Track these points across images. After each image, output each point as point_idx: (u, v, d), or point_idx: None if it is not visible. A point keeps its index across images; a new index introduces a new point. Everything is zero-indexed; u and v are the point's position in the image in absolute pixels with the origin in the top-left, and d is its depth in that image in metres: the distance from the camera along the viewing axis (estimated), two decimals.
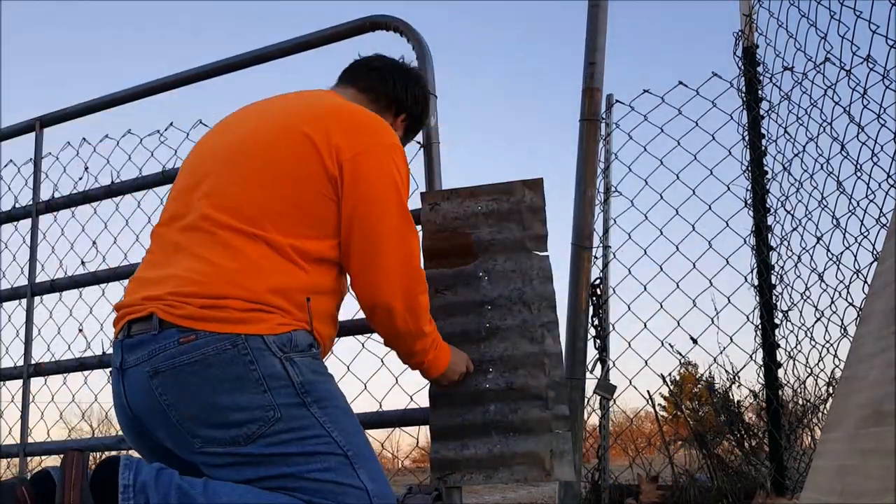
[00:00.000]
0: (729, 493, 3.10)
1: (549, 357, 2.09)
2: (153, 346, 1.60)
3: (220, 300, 1.60)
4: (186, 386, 1.58)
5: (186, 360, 1.58)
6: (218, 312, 1.59)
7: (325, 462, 1.60)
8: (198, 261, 1.67)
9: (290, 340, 1.64)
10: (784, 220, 3.35)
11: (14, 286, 3.28)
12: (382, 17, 2.53)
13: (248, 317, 1.60)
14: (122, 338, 1.67)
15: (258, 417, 1.58)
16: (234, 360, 1.58)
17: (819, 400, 3.26)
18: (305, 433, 1.60)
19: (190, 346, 1.58)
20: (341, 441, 1.63)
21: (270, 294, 1.64)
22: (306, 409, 1.62)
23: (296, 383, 1.62)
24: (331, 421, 1.64)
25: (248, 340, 1.59)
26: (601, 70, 2.78)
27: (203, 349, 1.57)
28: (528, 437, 2.05)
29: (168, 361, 1.58)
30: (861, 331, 1.64)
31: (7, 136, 3.38)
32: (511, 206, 2.20)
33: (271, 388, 1.59)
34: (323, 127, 1.76)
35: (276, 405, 1.59)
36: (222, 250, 1.66)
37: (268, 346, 1.60)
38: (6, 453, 3.11)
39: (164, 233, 1.80)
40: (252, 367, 1.58)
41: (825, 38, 2.96)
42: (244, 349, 1.58)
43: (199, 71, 2.89)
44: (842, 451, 1.49)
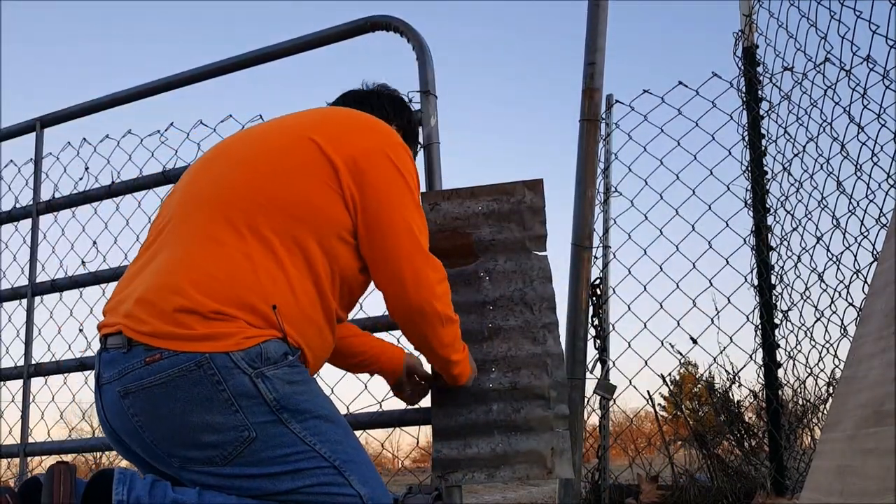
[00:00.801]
0: (729, 492, 3.10)
1: (551, 358, 2.10)
2: (123, 364, 1.55)
3: (181, 314, 1.53)
4: (156, 407, 1.52)
5: (154, 382, 1.51)
6: (179, 329, 1.52)
7: (314, 477, 1.56)
8: (166, 264, 1.61)
9: (259, 354, 1.55)
10: (784, 220, 3.36)
11: (14, 286, 3.28)
12: (382, 17, 2.53)
13: (211, 332, 1.52)
14: (100, 350, 1.64)
15: (232, 438, 1.52)
16: (200, 380, 1.50)
17: (819, 400, 3.27)
18: (286, 451, 1.55)
19: (156, 366, 1.51)
20: (326, 452, 1.58)
21: (235, 303, 1.56)
22: (283, 425, 1.55)
23: (269, 400, 1.54)
24: (312, 433, 1.58)
25: (213, 359, 1.51)
26: (601, 70, 2.78)
27: (168, 371, 1.51)
28: (530, 436, 2.06)
29: (136, 382, 1.53)
30: (861, 331, 1.64)
31: (7, 136, 3.39)
32: (511, 206, 2.20)
33: (242, 407, 1.52)
34: (327, 130, 1.74)
35: (249, 425, 1.52)
36: (195, 250, 1.61)
37: (235, 364, 1.52)
38: (7, 453, 3.11)
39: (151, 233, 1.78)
40: (220, 388, 1.51)
41: (825, 38, 2.96)
42: (209, 369, 1.50)
43: (199, 71, 2.89)
44: (842, 451, 1.49)
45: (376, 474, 1.65)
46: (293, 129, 1.76)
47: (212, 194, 1.69)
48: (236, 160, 1.75)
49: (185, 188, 1.77)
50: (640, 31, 23.91)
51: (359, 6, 2.76)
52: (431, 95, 2.41)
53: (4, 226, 3.46)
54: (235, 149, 1.79)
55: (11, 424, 3.39)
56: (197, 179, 1.77)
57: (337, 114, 1.85)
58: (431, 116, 2.40)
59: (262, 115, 2.95)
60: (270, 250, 1.62)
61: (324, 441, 1.59)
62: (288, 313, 1.62)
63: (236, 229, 1.62)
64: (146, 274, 1.64)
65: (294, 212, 1.65)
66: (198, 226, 1.64)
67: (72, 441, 3.18)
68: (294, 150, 1.71)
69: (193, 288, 1.55)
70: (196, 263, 1.59)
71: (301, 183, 1.67)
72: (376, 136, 1.77)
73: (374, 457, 10.48)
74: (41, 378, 3.18)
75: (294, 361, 1.62)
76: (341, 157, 1.69)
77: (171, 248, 1.64)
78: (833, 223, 2.95)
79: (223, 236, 1.61)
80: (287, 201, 1.65)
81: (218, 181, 1.71)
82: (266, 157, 1.71)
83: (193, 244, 1.62)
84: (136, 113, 3.42)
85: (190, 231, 1.65)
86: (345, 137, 1.73)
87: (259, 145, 1.76)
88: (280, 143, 1.74)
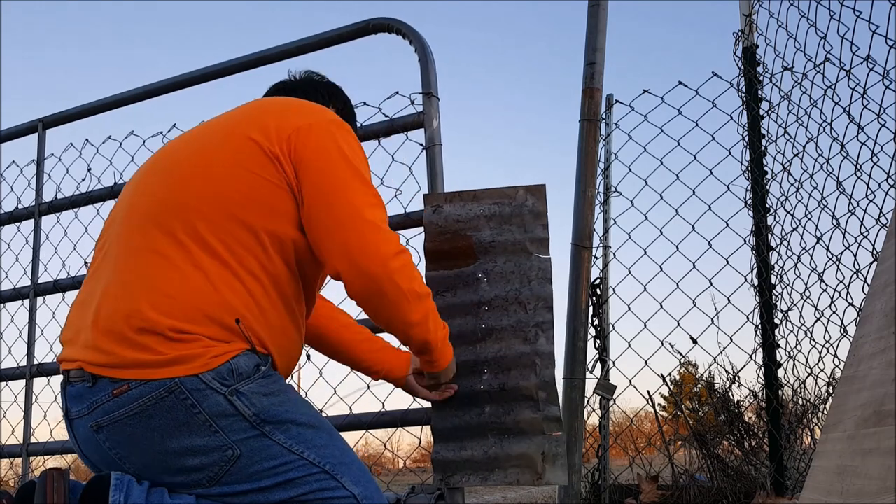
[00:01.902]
0: (729, 492, 3.11)
1: (540, 357, 2.09)
2: (91, 399, 1.51)
3: (141, 336, 1.48)
4: (133, 438, 1.49)
5: (126, 413, 1.48)
6: (143, 355, 1.47)
7: (306, 485, 1.55)
8: (116, 287, 1.56)
9: (230, 371, 1.51)
10: (784, 220, 3.36)
11: (17, 286, 3.29)
12: (384, 19, 2.53)
13: (177, 356, 1.47)
14: (63, 384, 1.59)
15: (216, 459, 1.50)
16: (174, 406, 1.47)
17: (819, 400, 3.27)
18: (274, 462, 1.53)
19: (125, 397, 1.47)
20: (315, 458, 1.57)
21: (195, 319, 1.51)
22: (267, 438, 1.53)
23: (247, 416, 1.51)
24: (298, 441, 1.56)
25: (183, 384, 1.47)
26: (601, 70, 2.79)
27: (139, 401, 1.47)
28: (521, 438, 2.04)
29: (107, 416, 1.49)
30: (861, 331, 1.65)
31: (10, 136, 3.39)
32: (513, 209, 2.20)
33: (222, 427, 1.49)
34: (257, 119, 1.67)
35: (231, 443, 1.50)
36: (141, 270, 1.55)
37: (207, 385, 1.48)
38: (9, 453, 3.12)
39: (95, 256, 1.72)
40: (196, 411, 1.48)
41: (825, 38, 2.97)
42: (181, 394, 1.47)
43: (202, 73, 2.90)
44: (842, 450, 1.50)
45: (367, 473, 1.64)
46: (224, 127, 1.69)
47: (147, 207, 1.63)
48: (167, 168, 1.68)
49: (122, 205, 1.71)
50: (640, 31, 23.93)
51: (360, 7, 2.77)
52: (433, 97, 2.42)
53: (7, 226, 3.47)
54: (166, 157, 1.72)
55: (14, 424, 3.40)
56: (132, 194, 1.70)
57: (268, 104, 1.76)
58: (433, 118, 2.40)
59: None
60: (218, 258, 1.56)
61: (310, 447, 1.57)
62: (252, 321, 1.57)
63: (178, 240, 1.56)
64: (99, 298, 1.58)
65: (236, 213, 1.58)
66: (139, 242, 1.59)
67: None
68: (227, 148, 1.63)
69: (150, 308, 1.50)
70: (147, 283, 1.53)
71: (240, 181, 1.59)
72: (310, 116, 1.69)
73: (375, 456, 10.48)
74: (44, 378, 3.19)
75: (267, 371, 1.58)
76: (278, 144, 1.62)
77: (117, 269, 1.59)
78: (833, 223, 2.96)
79: (166, 249, 1.55)
80: (226, 203, 1.58)
81: (151, 192, 1.65)
82: (199, 160, 1.64)
83: (139, 263, 1.56)
84: (139, 114, 3.44)
85: (132, 249, 1.59)
86: (278, 123, 1.65)
87: (189, 149, 1.69)
88: (211, 143, 1.67)
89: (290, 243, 1.64)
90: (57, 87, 23.08)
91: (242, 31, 28.49)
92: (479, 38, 28.07)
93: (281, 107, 1.72)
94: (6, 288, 3.34)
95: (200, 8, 33.57)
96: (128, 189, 1.75)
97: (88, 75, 24.23)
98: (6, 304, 3.41)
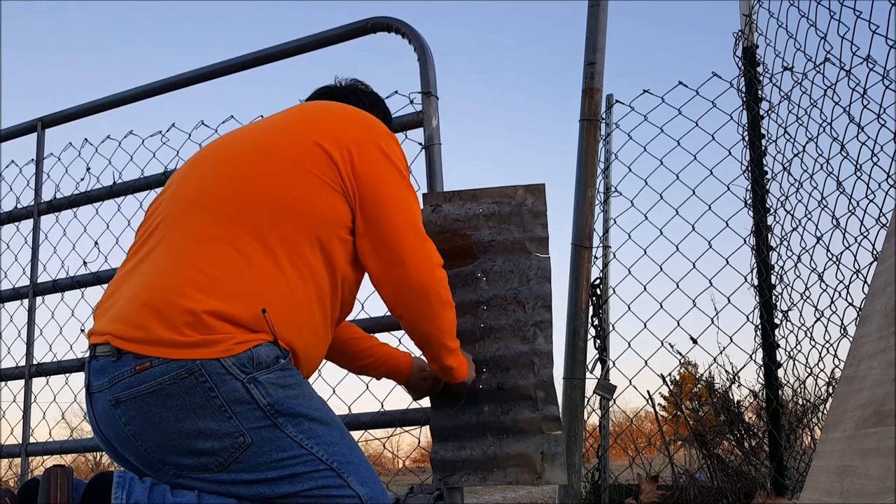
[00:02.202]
0: (729, 492, 3.11)
1: (538, 356, 2.09)
2: (113, 373, 1.53)
3: (177, 314, 1.51)
4: (149, 416, 1.50)
5: (145, 390, 1.50)
6: (171, 334, 1.50)
7: (312, 480, 1.55)
8: (158, 265, 1.60)
9: (251, 359, 1.53)
10: (784, 220, 3.36)
11: (16, 286, 3.29)
12: (384, 18, 2.53)
13: (202, 339, 1.50)
14: (89, 358, 1.61)
15: (227, 445, 1.51)
16: (192, 388, 1.49)
17: (819, 400, 3.27)
18: (283, 455, 1.54)
19: (146, 374, 1.49)
20: (323, 455, 1.57)
21: (225, 307, 1.54)
22: (279, 429, 1.54)
23: (262, 405, 1.53)
24: (308, 436, 1.57)
25: (204, 366, 1.49)
26: (601, 70, 2.79)
27: (159, 379, 1.49)
28: (519, 438, 2.04)
29: (127, 391, 1.51)
30: (861, 331, 1.65)
31: (9, 136, 3.39)
32: (512, 208, 2.20)
33: (236, 413, 1.51)
34: (317, 123, 1.74)
35: (244, 431, 1.51)
36: (189, 250, 1.59)
37: (227, 370, 1.50)
38: (8, 453, 3.12)
39: (139, 236, 1.76)
40: (213, 395, 1.49)
41: (825, 38, 2.97)
42: (201, 376, 1.49)
43: (201, 72, 2.90)
44: (842, 450, 1.49)
45: (374, 474, 1.64)
46: (285, 127, 1.75)
47: (205, 195, 1.67)
48: (227, 160, 1.72)
49: (176, 190, 1.75)
50: (640, 31, 23.92)
51: (360, 7, 2.77)
52: (433, 96, 2.42)
53: (6, 226, 3.47)
54: (226, 149, 1.77)
55: (13, 424, 3.40)
56: (187, 181, 1.74)
57: (326, 110, 1.83)
58: (433, 118, 2.40)
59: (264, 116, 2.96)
60: (269, 251, 1.60)
61: (320, 444, 1.58)
62: (281, 315, 1.60)
63: (232, 230, 1.60)
64: (137, 275, 1.62)
65: (291, 212, 1.63)
66: (191, 227, 1.63)
67: (73, 441, 3.18)
68: (290, 146, 1.70)
69: (189, 286, 1.53)
70: (190, 262, 1.57)
71: (299, 182, 1.65)
72: (367, 128, 1.78)
73: (375, 456, 10.48)
74: (43, 378, 3.19)
75: (286, 364, 1.60)
76: (338, 150, 1.69)
77: (162, 249, 1.62)
78: (833, 223, 2.96)
79: (219, 235, 1.60)
80: (285, 201, 1.63)
81: (210, 182, 1.69)
82: (260, 155, 1.70)
83: (188, 244, 1.60)
84: (138, 114, 3.44)
85: (183, 232, 1.63)
86: (339, 131, 1.73)
87: (252, 144, 1.74)
88: (274, 140, 1.72)
89: (338, 248, 1.70)
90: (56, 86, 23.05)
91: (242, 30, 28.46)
92: (479, 38, 28.05)
93: (339, 115, 1.79)
94: (5, 287, 3.34)
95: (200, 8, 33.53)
96: (181, 176, 1.79)
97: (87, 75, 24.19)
98: (5, 303, 3.41)
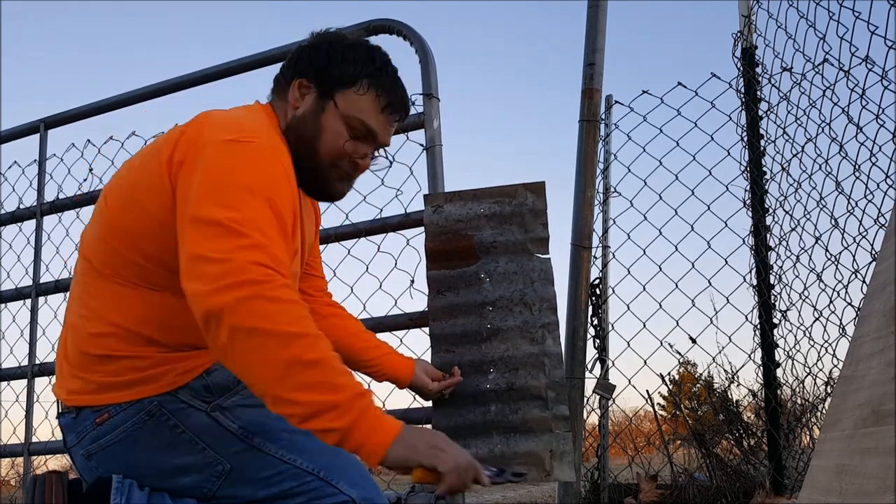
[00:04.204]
0: (728, 492, 3.12)
1: (549, 357, 2.11)
2: (77, 429, 1.50)
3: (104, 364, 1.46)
4: (124, 462, 1.48)
5: (111, 440, 1.47)
6: (111, 378, 1.45)
7: (302, 495, 1.53)
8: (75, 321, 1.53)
9: (206, 387, 1.49)
10: (783, 220, 3.37)
11: (19, 286, 3.30)
12: (385, 20, 2.54)
13: (145, 375, 1.46)
14: (57, 415, 1.58)
15: (208, 475, 1.49)
16: (157, 428, 1.46)
17: (817, 399, 3.29)
18: (267, 473, 1.51)
19: (107, 425, 1.46)
20: (308, 465, 1.54)
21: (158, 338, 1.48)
22: (257, 450, 1.50)
23: (234, 430, 1.49)
24: (289, 450, 1.53)
25: (163, 405, 1.45)
26: (600, 71, 2.80)
27: (122, 427, 1.46)
28: (528, 437, 2.06)
29: (95, 444, 1.49)
30: (860, 331, 1.66)
31: (11, 137, 3.40)
32: (513, 208, 2.21)
33: (209, 444, 1.48)
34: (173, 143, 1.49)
35: (221, 459, 1.48)
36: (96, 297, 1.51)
37: (187, 403, 1.46)
38: (11, 452, 3.13)
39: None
40: (179, 430, 1.46)
41: (824, 38, 2.98)
42: (163, 415, 1.45)
43: (203, 74, 2.91)
44: (841, 450, 1.51)
45: (365, 473, 1.62)
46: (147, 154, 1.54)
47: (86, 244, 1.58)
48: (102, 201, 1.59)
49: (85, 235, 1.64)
50: (640, 32, 23.95)
51: (360, 8, 2.78)
52: (434, 98, 2.43)
53: (9, 226, 3.48)
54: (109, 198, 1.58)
55: (16, 424, 3.42)
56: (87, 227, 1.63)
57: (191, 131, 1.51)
58: (434, 119, 2.41)
59: None
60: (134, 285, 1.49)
61: (302, 454, 1.54)
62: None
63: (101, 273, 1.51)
64: (68, 330, 1.57)
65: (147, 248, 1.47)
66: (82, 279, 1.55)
67: None
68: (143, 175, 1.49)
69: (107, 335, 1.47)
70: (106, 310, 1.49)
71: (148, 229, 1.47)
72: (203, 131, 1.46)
73: None
74: (45, 378, 3.19)
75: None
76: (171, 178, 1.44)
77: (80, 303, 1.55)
78: (832, 223, 2.97)
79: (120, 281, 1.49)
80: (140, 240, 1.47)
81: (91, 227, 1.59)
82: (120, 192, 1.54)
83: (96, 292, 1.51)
84: (140, 115, 3.43)
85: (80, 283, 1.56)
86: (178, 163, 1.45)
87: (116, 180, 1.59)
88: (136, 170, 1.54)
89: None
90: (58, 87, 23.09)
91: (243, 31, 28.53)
92: (479, 38, 28.12)
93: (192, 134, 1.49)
94: (8, 288, 3.35)
95: (201, 9, 33.55)
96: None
97: (90, 76, 24.24)
98: (8, 303, 3.42)
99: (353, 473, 1.59)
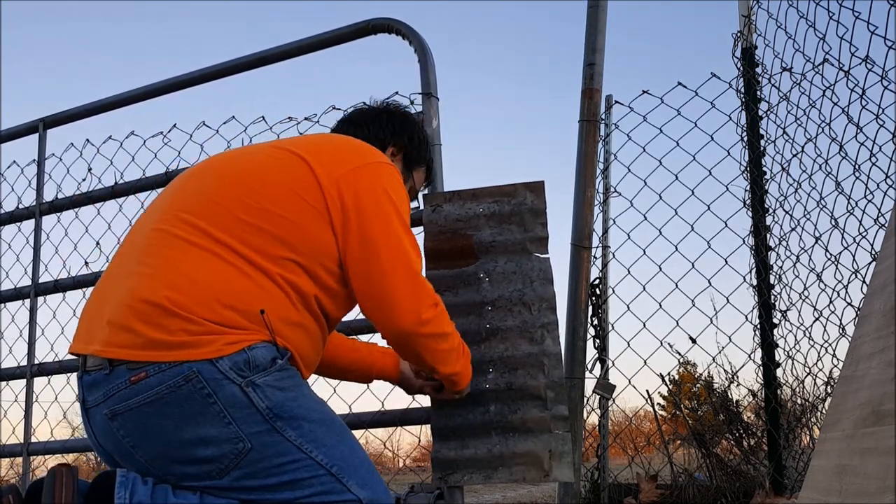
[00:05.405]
0: (728, 492, 3.12)
1: (548, 357, 2.10)
2: (106, 386, 1.52)
3: (161, 316, 1.50)
4: (147, 426, 1.50)
5: (142, 401, 1.49)
6: (160, 335, 1.49)
7: (311, 487, 1.55)
8: (144, 270, 1.57)
9: (246, 362, 1.52)
10: (782, 220, 3.38)
11: (17, 286, 3.30)
12: (384, 19, 2.54)
13: (194, 339, 1.50)
14: (79, 374, 1.60)
15: (227, 451, 1.51)
16: (190, 395, 1.48)
17: (817, 399, 3.28)
18: (283, 459, 1.53)
19: (142, 384, 1.48)
20: (323, 459, 1.56)
21: (218, 306, 1.53)
22: (278, 433, 1.53)
23: (261, 409, 1.52)
24: (308, 440, 1.56)
25: (200, 372, 1.48)
26: (600, 71, 2.79)
27: (156, 388, 1.48)
28: (527, 437, 2.06)
29: (123, 404, 1.50)
30: (860, 331, 1.65)
31: (10, 136, 3.40)
32: (512, 208, 2.21)
33: (235, 418, 1.50)
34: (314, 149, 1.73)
35: (243, 436, 1.51)
36: (171, 254, 1.58)
37: (224, 374, 1.49)
38: (9, 452, 3.13)
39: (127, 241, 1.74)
40: (211, 401, 1.49)
41: (824, 38, 2.98)
42: (198, 382, 1.48)
43: (202, 73, 2.91)
44: (841, 450, 1.50)
45: (376, 474, 1.64)
46: (282, 148, 1.74)
47: (196, 206, 1.65)
48: (223, 175, 1.71)
49: (169, 199, 1.73)
50: (640, 32, 23.95)
51: (360, 8, 2.78)
52: (433, 97, 2.43)
53: (8, 226, 3.48)
54: (223, 164, 1.75)
55: (14, 424, 3.41)
56: (180, 191, 1.73)
57: (324, 138, 1.83)
58: (433, 118, 2.41)
59: (265, 117, 2.97)
60: (253, 263, 1.59)
61: (319, 446, 1.57)
62: (276, 317, 1.59)
63: (214, 237, 1.59)
64: (124, 280, 1.60)
65: (279, 232, 1.62)
66: (179, 235, 1.60)
67: (74, 440, 3.19)
68: (283, 166, 1.68)
69: (173, 290, 1.52)
70: (176, 268, 1.55)
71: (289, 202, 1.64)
72: (359, 157, 1.74)
73: (375, 456, 10.47)
74: (44, 378, 3.20)
75: (284, 365, 1.59)
76: (328, 177, 1.67)
77: (147, 254, 1.61)
78: (832, 223, 2.97)
79: (200, 241, 1.59)
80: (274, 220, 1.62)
81: (206, 194, 1.67)
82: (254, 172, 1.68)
83: (173, 250, 1.58)
84: (140, 114, 3.44)
85: (169, 240, 1.61)
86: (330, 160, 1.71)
87: (247, 160, 1.73)
88: (269, 158, 1.72)
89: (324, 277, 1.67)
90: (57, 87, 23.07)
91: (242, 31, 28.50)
92: (478, 38, 28.11)
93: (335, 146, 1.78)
94: (7, 288, 3.35)
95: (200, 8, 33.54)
96: (177, 185, 1.77)
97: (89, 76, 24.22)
98: (7, 303, 3.42)
99: (365, 474, 1.61)
